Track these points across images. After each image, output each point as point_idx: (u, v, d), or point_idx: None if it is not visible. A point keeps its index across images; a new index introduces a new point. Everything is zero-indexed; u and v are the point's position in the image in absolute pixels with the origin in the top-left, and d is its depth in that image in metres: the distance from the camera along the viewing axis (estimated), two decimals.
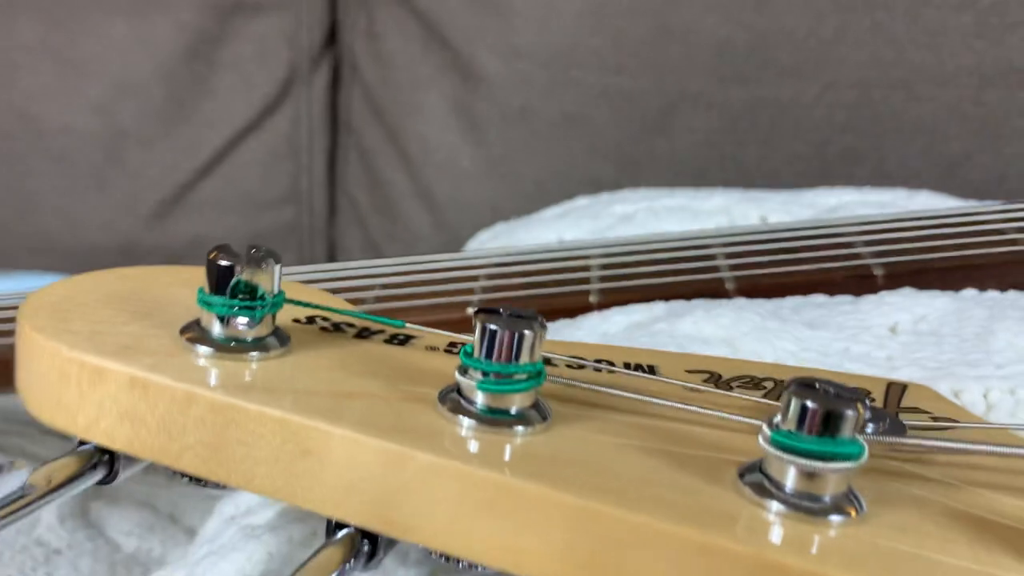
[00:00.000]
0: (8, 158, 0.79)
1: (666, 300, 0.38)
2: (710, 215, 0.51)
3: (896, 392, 0.25)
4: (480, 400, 0.21)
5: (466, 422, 0.20)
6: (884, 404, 0.24)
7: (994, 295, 0.36)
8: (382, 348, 0.25)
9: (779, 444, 0.18)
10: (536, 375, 0.21)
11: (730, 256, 0.41)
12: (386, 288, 0.43)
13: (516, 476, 0.19)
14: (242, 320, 0.23)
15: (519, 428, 0.20)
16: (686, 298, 0.38)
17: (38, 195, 0.80)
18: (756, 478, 0.19)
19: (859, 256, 0.40)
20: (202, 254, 0.23)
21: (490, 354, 0.20)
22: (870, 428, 0.22)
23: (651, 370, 0.25)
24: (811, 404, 0.18)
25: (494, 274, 0.43)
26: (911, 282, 0.37)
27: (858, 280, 0.39)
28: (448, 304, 0.40)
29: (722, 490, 0.19)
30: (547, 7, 0.69)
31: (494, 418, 0.20)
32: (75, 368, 0.22)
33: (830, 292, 0.38)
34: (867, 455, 0.18)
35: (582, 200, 0.59)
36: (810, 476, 0.18)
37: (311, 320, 0.26)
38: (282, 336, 0.24)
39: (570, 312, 0.39)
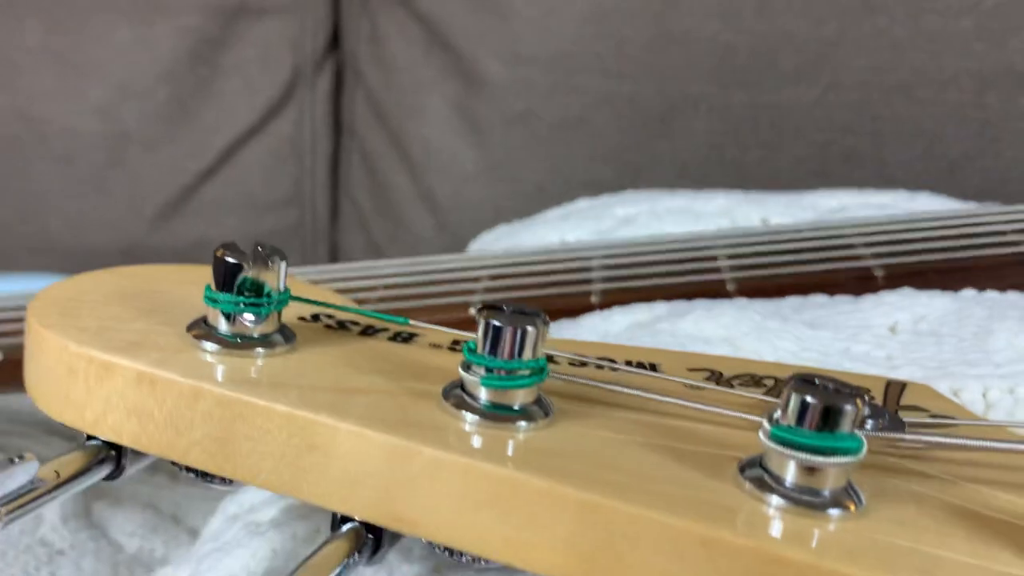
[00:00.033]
0: (11, 160, 0.79)
1: (668, 300, 0.38)
2: (712, 217, 0.51)
3: (895, 390, 0.25)
4: (483, 396, 0.21)
5: (470, 417, 0.21)
6: (883, 402, 0.24)
7: (993, 295, 0.36)
8: (386, 345, 0.25)
9: (779, 439, 0.18)
10: (539, 371, 0.21)
11: (731, 257, 0.42)
12: (389, 289, 0.43)
13: (519, 470, 0.19)
14: (248, 317, 0.23)
15: (522, 423, 0.21)
16: (687, 298, 0.38)
17: (41, 197, 0.80)
18: (756, 473, 0.19)
19: (860, 257, 0.40)
20: (205, 256, 0.23)
21: (493, 350, 0.20)
22: (869, 424, 0.22)
23: (653, 368, 0.25)
24: (811, 399, 0.18)
25: (496, 275, 0.43)
26: (911, 283, 0.37)
27: (859, 281, 0.39)
28: (451, 305, 0.41)
29: (723, 484, 0.19)
30: (549, 11, 0.69)
31: (497, 414, 0.21)
32: (83, 363, 0.22)
33: (831, 292, 0.38)
34: (866, 450, 0.18)
35: (584, 202, 0.59)
36: (810, 471, 0.18)
37: (316, 318, 0.26)
38: (288, 333, 0.24)
39: (572, 312, 0.39)
